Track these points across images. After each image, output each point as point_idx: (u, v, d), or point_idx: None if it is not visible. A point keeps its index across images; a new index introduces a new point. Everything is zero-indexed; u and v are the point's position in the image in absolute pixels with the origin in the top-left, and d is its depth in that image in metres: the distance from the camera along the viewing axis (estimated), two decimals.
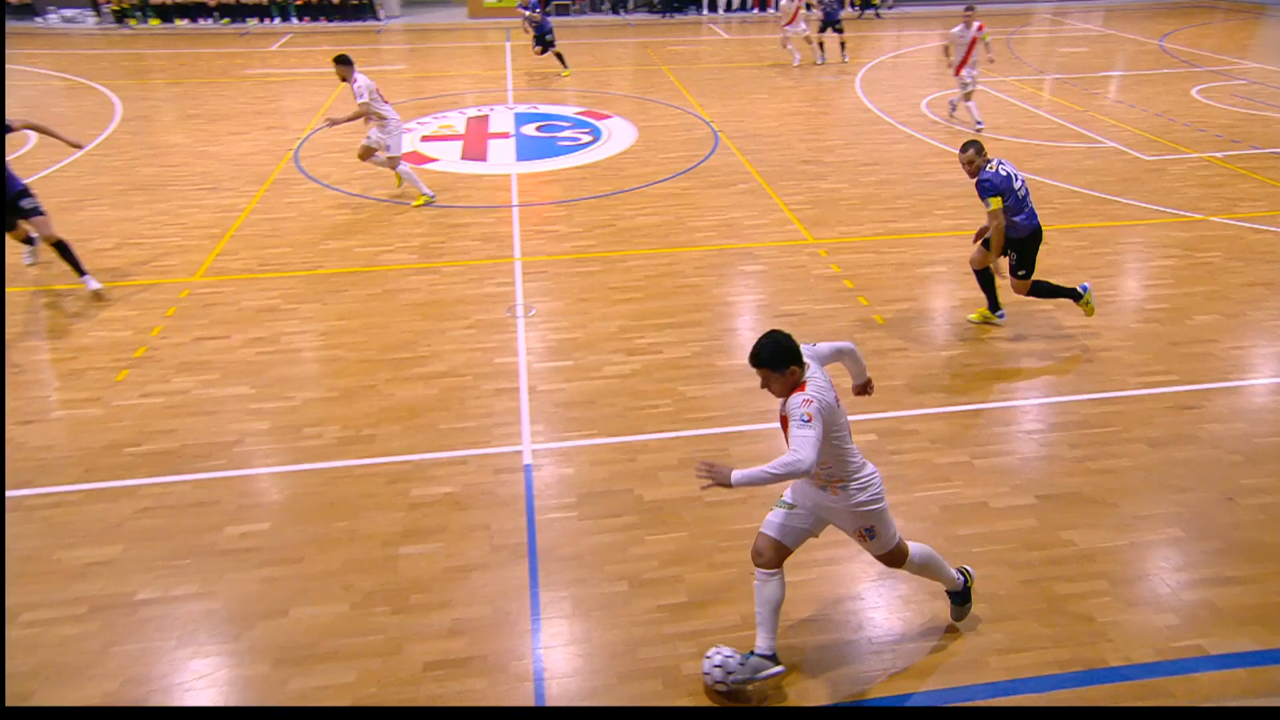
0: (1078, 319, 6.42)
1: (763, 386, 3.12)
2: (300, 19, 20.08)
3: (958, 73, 11.09)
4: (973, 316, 6.41)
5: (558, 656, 3.65)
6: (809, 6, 15.60)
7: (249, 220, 8.43)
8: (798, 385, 3.06)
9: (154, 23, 19.68)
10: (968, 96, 11.11)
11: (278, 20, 20.16)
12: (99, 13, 19.36)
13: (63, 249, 6.75)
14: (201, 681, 3.58)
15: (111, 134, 11.30)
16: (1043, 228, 5.97)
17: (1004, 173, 5.72)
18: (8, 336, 6.27)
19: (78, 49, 17.39)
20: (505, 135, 11.29)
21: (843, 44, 15.88)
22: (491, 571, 4.13)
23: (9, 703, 3.46)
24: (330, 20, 20.08)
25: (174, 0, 19.74)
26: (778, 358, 3.04)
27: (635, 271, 7.33)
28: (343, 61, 8.36)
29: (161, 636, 3.79)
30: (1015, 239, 5.89)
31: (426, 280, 7.16)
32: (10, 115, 6.85)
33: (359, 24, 20.14)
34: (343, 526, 4.43)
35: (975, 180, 5.80)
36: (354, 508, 4.56)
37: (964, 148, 5.79)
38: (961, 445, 5.03)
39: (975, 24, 10.88)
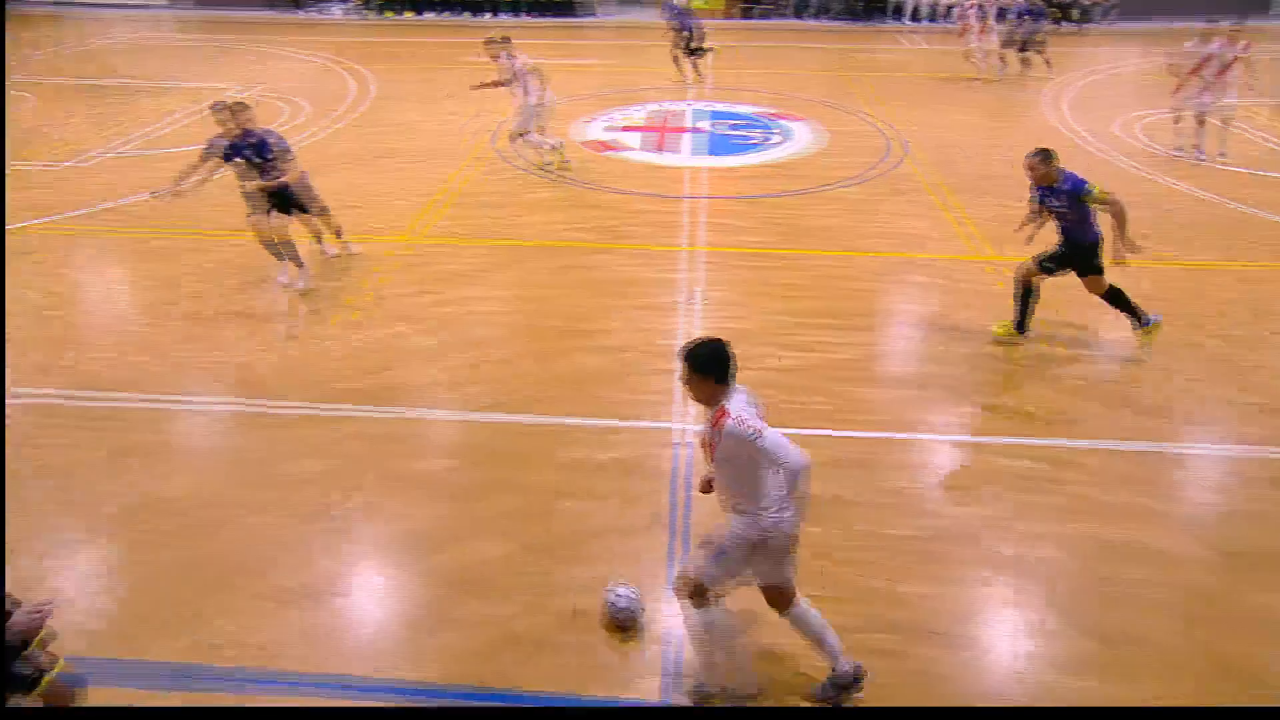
0: None
1: (681, 380, 2.95)
2: (514, 13, 21.09)
3: (1198, 96, 9.69)
4: (997, 330, 5.98)
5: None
6: (1000, 16, 14.36)
7: (456, 191, 8.97)
8: (719, 406, 2.86)
9: (408, 14, 21.34)
10: (1201, 121, 9.81)
11: (490, 15, 21.24)
12: (367, 4, 21.23)
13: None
14: (385, 588, 3.90)
15: (364, 111, 12.33)
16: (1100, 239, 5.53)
17: (1078, 180, 5.39)
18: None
19: (349, 36, 19.16)
20: (692, 130, 11.31)
21: (1047, 60, 14.57)
22: (636, 538, 4.21)
23: None
24: (543, 15, 20.94)
25: None
26: (704, 361, 2.87)
27: (806, 271, 7.14)
28: (496, 42, 9.09)
29: (350, 552, 4.15)
30: (1072, 244, 5.55)
31: (604, 260, 7.34)
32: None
33: (573, 20, 20.85)
34: (513, 475, 4.66)
35: (1055, 186, 5.42)
36: (523, 459, 4.78)
37: (1035, 154, 5.43)
38: (1135, 484, 4.53)
39: (1241, 43, 9.52)
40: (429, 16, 21.25)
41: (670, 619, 3.67)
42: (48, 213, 8.35)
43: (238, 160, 6.37)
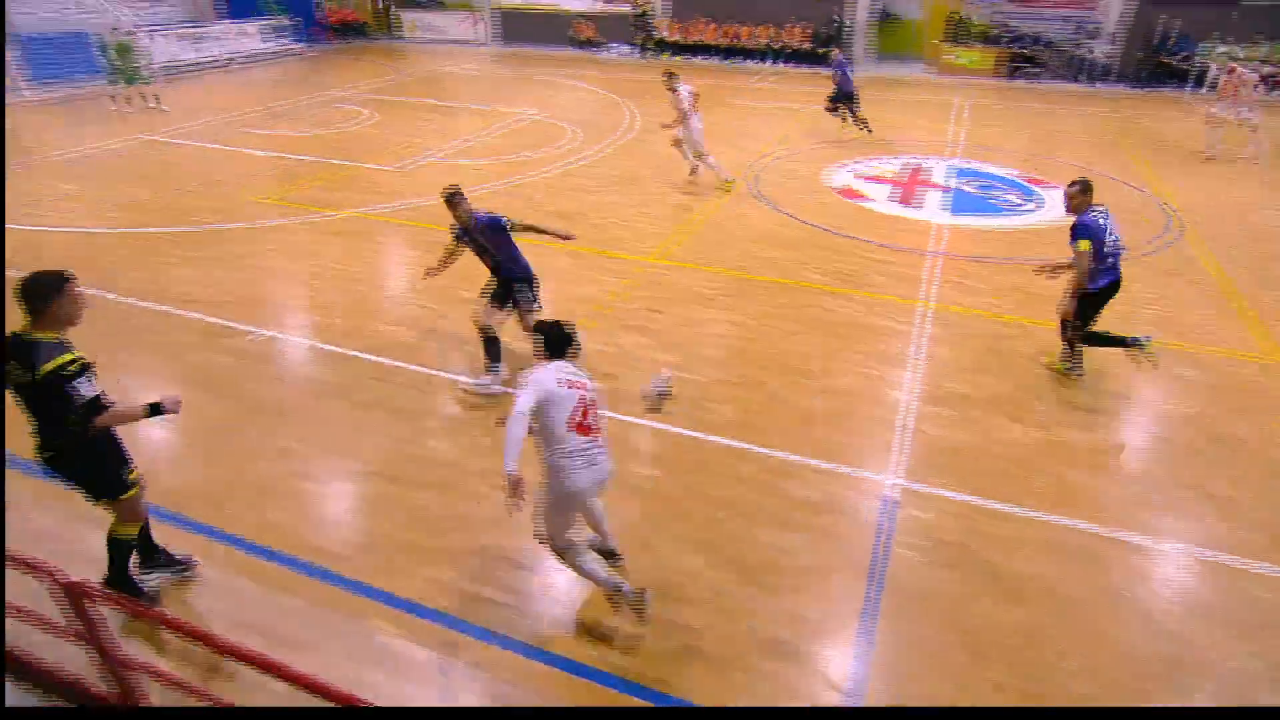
0: None
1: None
2: (779, 62, 21.29)
3: None
4: (1054, 363, 5.95)
5: (877, 682, 3.45)
6: (1264, 83, 11.78)
7: (702, 220, 9.24)
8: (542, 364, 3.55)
9: (664, 56, 22.47)
10: None
11: (764, 62, 21.61)
12: (643, 49, 22.73)
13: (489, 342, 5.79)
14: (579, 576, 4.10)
15: (629, 140, 13.18)
16: (1120, 281, 5.54)
17: (1102, 222, 5.40)
18: None
19: (628, 74, 20.62)
20: (940, 186, 10.74)
21: None
22: (834, 581, 4.05)
23: None
24: (806, 65, 20.95)
25: (691, 41, 22.27)
26: (549, 341, 3.67)
27: (1045, 343, 6.49)
28: (671, 75, 10.12)
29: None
30: (1090, 290, 5.51)
31: (839, 303, 7.18)
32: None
33: (829, 70, 20.68)
34: (719, 495, 4.70)
35: (1075, 220, 5.44)
36: (732, 482, 4.80)
37: (1074, 183, 5.46)
38: None
39: None
40: (699, 60, 22.15)
41: (859, 672, 3.49)
42: (382, 201, 9.83)
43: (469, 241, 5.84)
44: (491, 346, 5.74)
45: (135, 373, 6.07)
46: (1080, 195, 5.42)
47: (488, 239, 5.76)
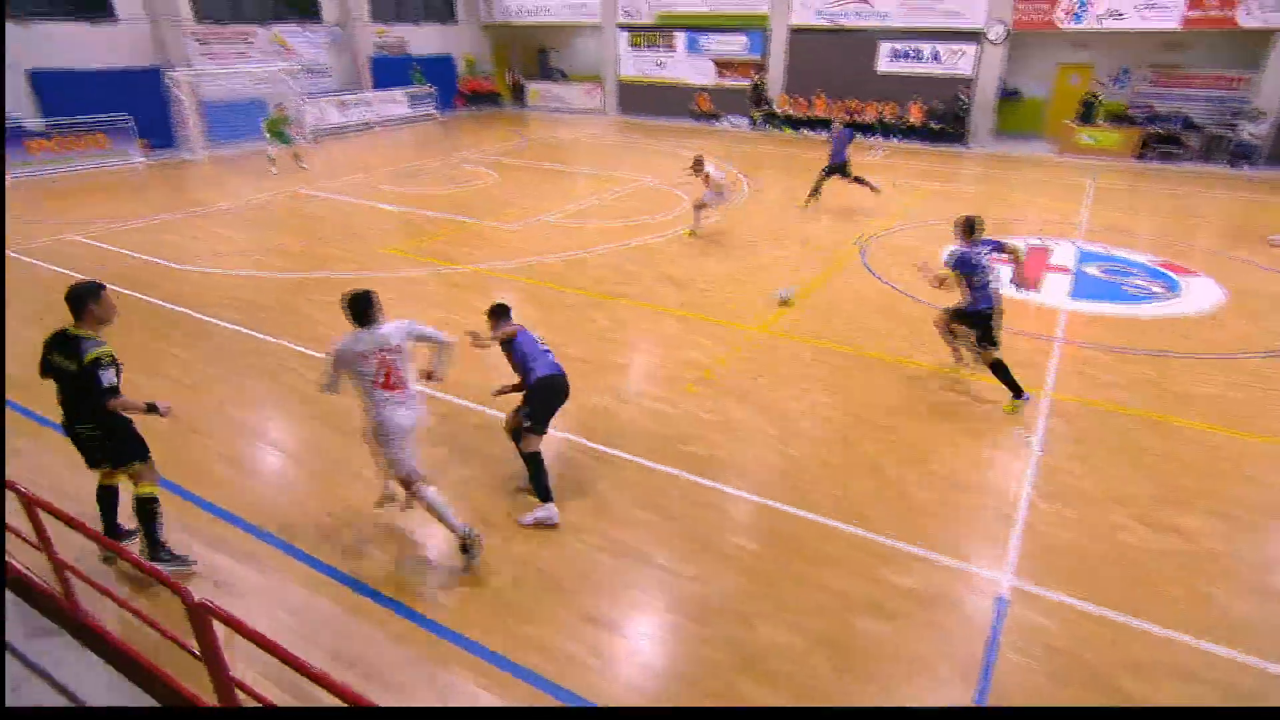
0: None
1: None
2: (899, 138, 21.25)
3: None
4: (1005, 408, 6.45)
5: None
6: None
7: (812, 293, 9.24)
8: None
9: (787, 131, 22.89)
10: None
11: (879, 136, 21.65)
12: (753, 122, 23.34)
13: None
14: (667, 635, 4.08)
15: (741, 209, 13.45)
16: (995, 309, 6.42)
17: (975, 260, 6.31)
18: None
19: (733, 144, 21.17)
20: (1064, 270, 10.32)
21: None
22: (935, 680, 3.85)
23: None
24: (924, 141, 20.83)
25: (804, 116, 22.65)
26: (351, 305, 4.62)
27: (1179, 443, 6.03)
28: (700, 162, 11.27)
29: (649, 596, 4.41)
30: (968, 310, 6.46)
31: (949, 384, 6.97)
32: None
33: (949, 147, 20.47)
34: (816, 575, 4.59)
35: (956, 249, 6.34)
36: (831, 563, 4.69)
37: (960, 220, 6.46)
38: None
39: None
40: (813, 134, 22.43)
41: None
42: (502, 257, 10.42)
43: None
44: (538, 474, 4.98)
45: (267, 405, 6.62)
46: (962, 233, 6.42)
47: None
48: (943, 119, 20.76)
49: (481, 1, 28.03)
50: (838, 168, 13.28)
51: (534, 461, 4.87)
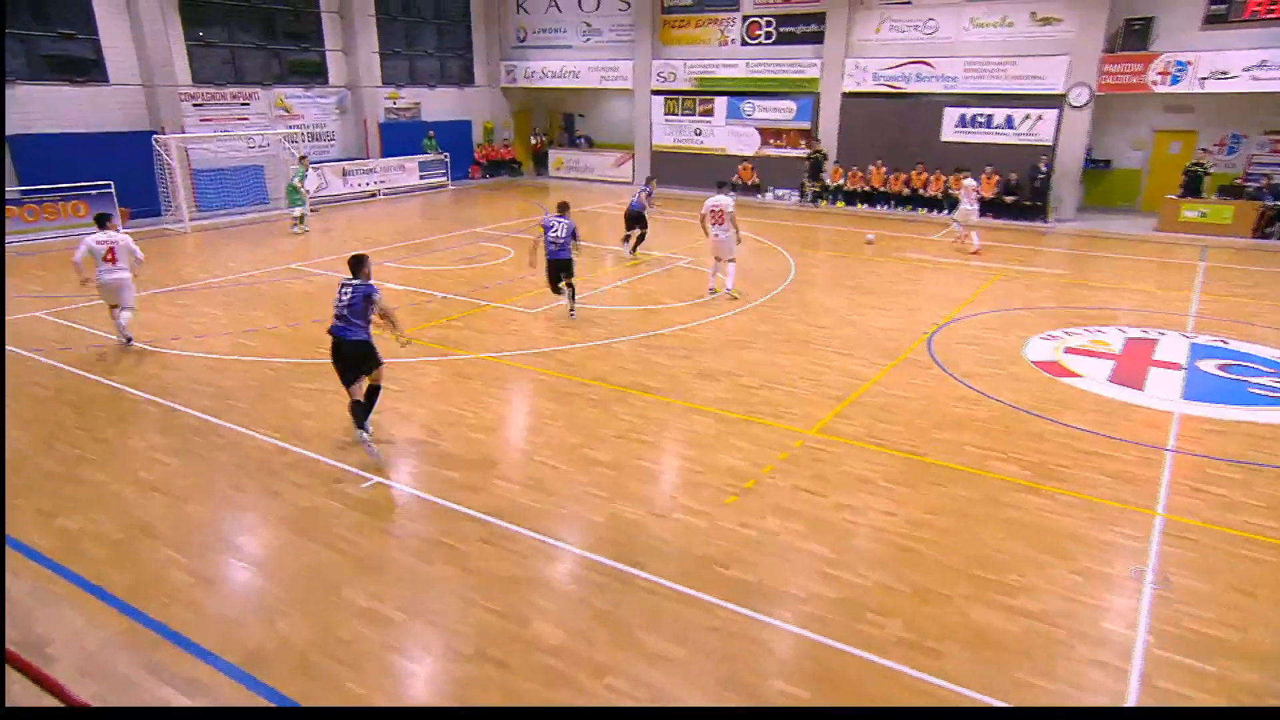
0: None
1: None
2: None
3: None
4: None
5: None
6: None
7: (870, 391, 9.22)
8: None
9: (839, 205, 23.45)
10: None
11: (946, 212, 22.01)
12: (801, 194, 24.00)
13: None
14: None
15: (781, 291, 13.67)
16: None
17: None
18: None
19: (779, 220, 21.71)
20: (1174, 366, 10.19)
21: None
22: None
23: None
24: (996, 217, 21.12)
25: (859, 189, 23.25)
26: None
27: None
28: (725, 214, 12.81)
29: None
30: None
31: (1036, 502, 6.80)
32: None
33: (1028, 224, 20.73)
34: None
35: None
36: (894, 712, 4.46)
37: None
38: None
39: None
40: (872, 209, 22.93)
41: None
42: (516, 345, 10.61)
43: None
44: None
45: (239, 507, 6.65)
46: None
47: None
48: (1017, 191, 21.11)
49: (502, 65, 29.74)
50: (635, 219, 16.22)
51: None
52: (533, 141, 31.05)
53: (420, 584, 5.64)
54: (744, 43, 25.17)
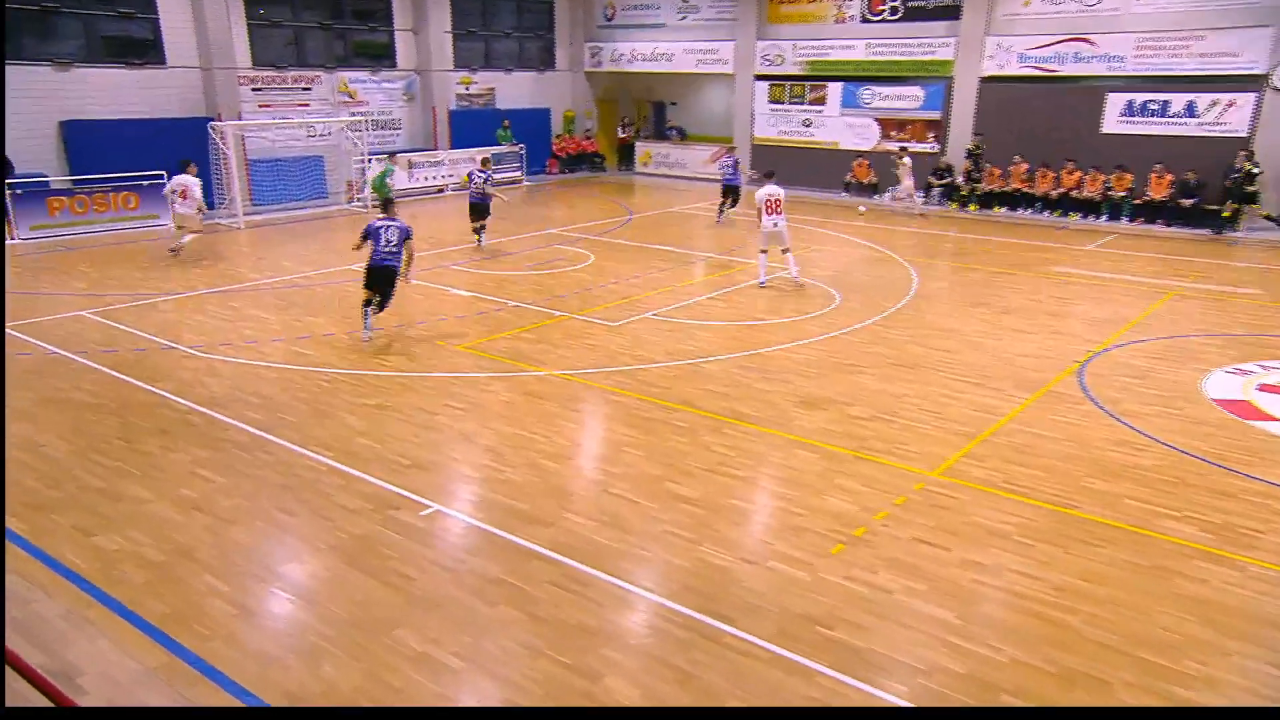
0: None
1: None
2: (1133, 219, 20.74)
3: None
4: None
5: None
6: None
7: (1006, 428, 8.92)
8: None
9: (972, 208, 22.90)
10: None
11: (1105, 219, 21.24)
12: (928, 193, 23.50)
13: None
14: None
15: (900, 308, 13.41)
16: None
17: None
18: None
19: (899, 225, 21.38)
20: None
21: None
22: None
23: None
24: (1169, 224, 20.23)
25: (997, 189, 22.63)
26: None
27: None
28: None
29: None
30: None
31: (1219, 573, 6.43)
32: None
33: (1201, 232, 19.78)
34: None
35: None
36: None
37: None
38: None
39: None
40: (1014, 213, 22.31)
41: None
42: (593, 362, 10.71)
43: None
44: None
45: (286, 532, 6.87)
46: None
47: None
48: (1198, 192, 20.06)
49: (586, 47, 30.27)
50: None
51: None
52: (619, 134, 31.45)
53: (481, 628, 5.70)
54: (865, 20, 24.99)
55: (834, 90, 25.72)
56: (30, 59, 18.94)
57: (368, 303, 11.30)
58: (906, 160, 21.81)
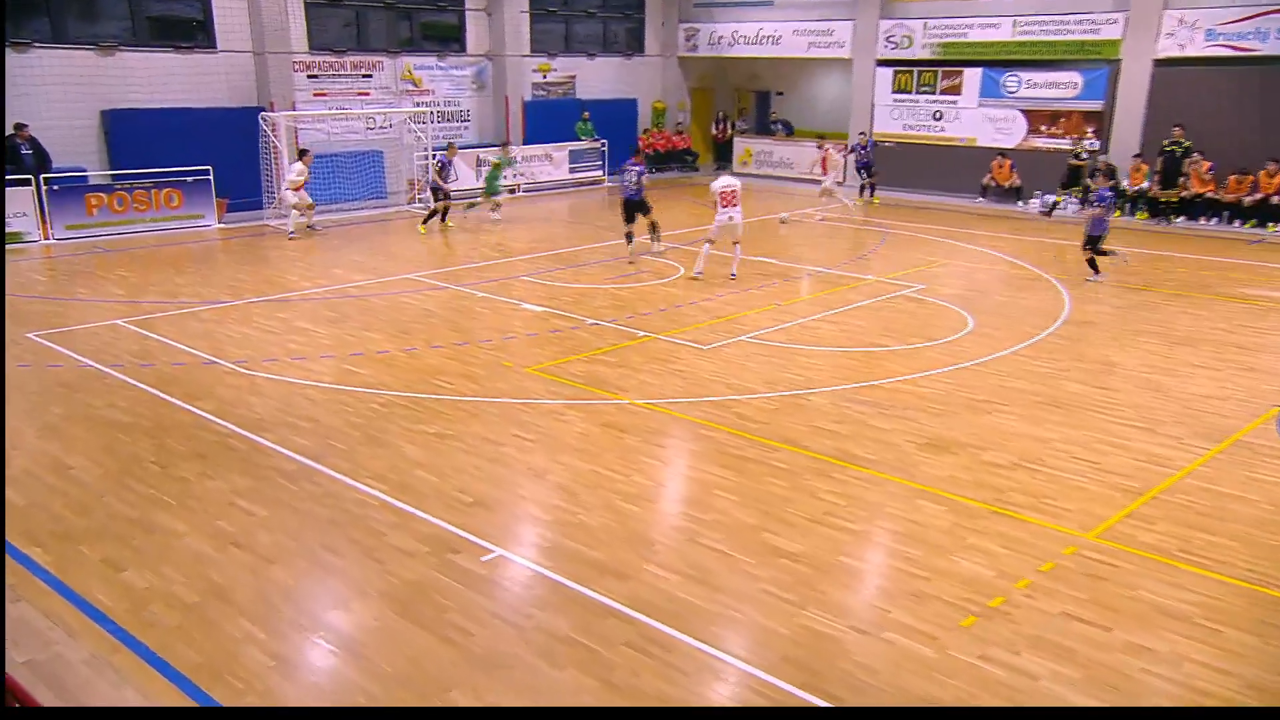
0: None
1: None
2: None
3: None
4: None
5: None
6: None
7: (1183, 484, 8.62)
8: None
9: (1140, 216, 22.23)
10: None
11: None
12: (1085, 201, 22.89)
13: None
14: None
15: (1048, 335, 13.10)
16: None
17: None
18: None
19: (1047, 235, 20.91)
20: None
21: None
22: None
23: None
24: None
25: (1179, 197, 21.78)
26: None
27: None
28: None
29: None
30: None
31: None
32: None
33: None
34: None
35: None
36: None
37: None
38: None
39: None
40: (1189, 224, 21.58)
41: None
42: (682, 391, 10.73)
43: None
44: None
45: (332, 574, 7.01)
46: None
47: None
48: None
49: (681, 28, 30.54)
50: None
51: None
52: (713, 131, 31.55)
53: (546, 692, 5.71)
54: None
55: (971, 77, 25.39)
56: (70, 43, 19.99)
57: (630, 237, 17.02)
58: (832, 152, 23.64)
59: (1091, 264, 16.35)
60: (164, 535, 7.53)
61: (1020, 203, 24.10)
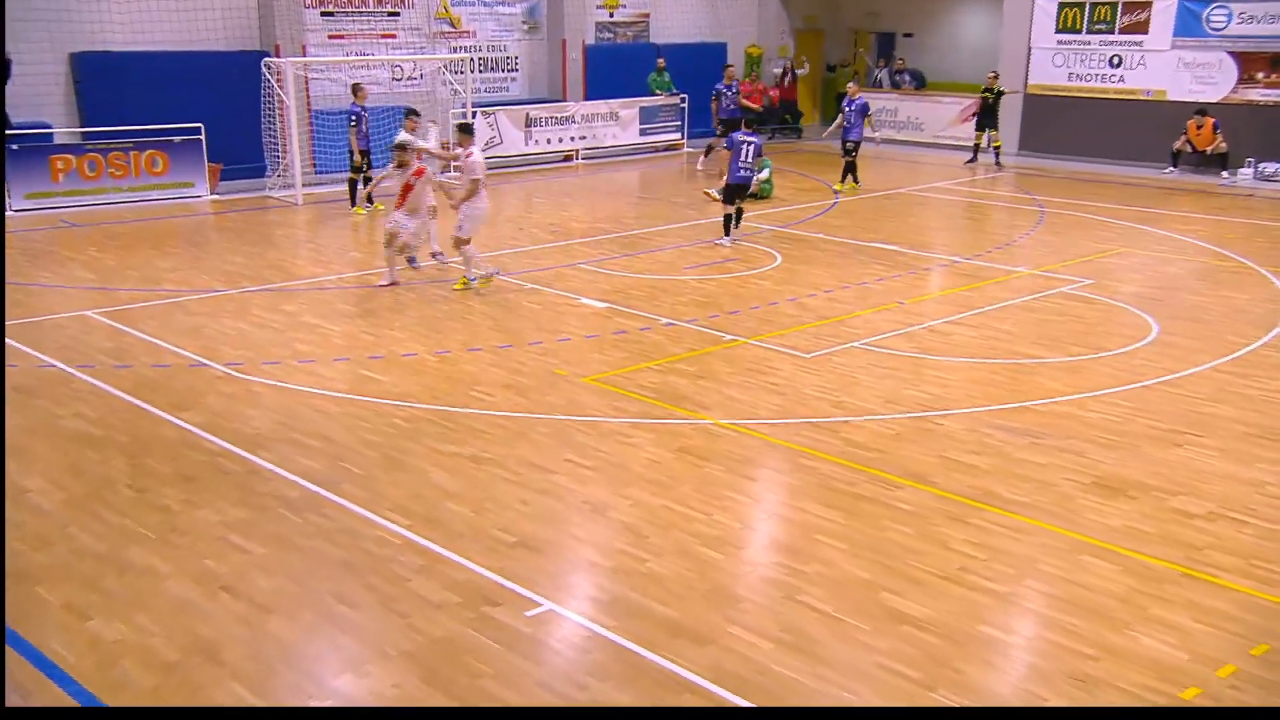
0: None
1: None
2: None
3: None
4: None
5: None
6: None
7: None
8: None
9: None
10: None
11: None
12: None
13: None
14: None
15: (1259, 347, 12.78)
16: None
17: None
18: None
19: (1263, 218, 20.46)
20: None
21: None
22: None
23: None
24: None
25: None
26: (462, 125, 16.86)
27: None
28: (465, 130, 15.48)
29: None
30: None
31: None
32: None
33: None
34: None
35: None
36: None
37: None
38: None
39: None
40: None
41: None
42: (775, 409, 10.70)
43: None
44: None
45: (343, 629, 7.09)
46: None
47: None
48: None
49: None
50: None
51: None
52: (860, 74, 31.13)
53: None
54: None
55: (1163, 10, 24.84)
56: None
57: (728, 220, 17.53)
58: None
59: None
60: (139, 576, 7.65)
61: (1225, 173, 23.58)
